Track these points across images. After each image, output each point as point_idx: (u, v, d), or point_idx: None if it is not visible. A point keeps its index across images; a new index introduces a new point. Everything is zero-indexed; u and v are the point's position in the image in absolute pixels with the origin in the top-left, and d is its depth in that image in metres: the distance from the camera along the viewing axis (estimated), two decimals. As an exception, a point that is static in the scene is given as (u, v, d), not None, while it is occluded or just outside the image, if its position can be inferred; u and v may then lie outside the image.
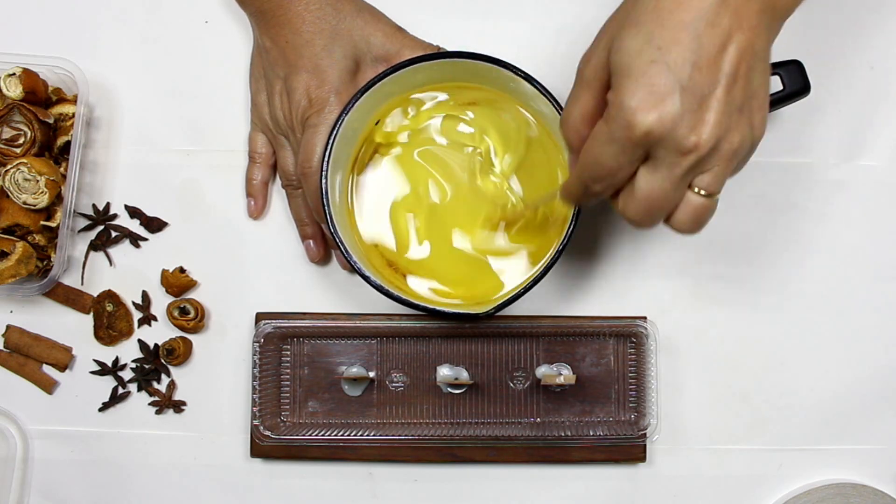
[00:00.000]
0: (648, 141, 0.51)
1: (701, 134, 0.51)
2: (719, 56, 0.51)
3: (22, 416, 0.76)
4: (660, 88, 0.50)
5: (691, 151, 0.51)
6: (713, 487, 0.76)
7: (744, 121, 0.53)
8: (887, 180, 0.77)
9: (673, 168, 0.52)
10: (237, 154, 0.77)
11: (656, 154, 0.52)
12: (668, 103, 0.50)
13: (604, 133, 0.52)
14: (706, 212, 0.55)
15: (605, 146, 0.52)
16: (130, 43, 0.77)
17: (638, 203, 0.54)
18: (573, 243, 0.67)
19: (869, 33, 0.77)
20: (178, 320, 0.75)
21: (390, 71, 0.68)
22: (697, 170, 0.53)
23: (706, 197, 0.54)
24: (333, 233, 0.67)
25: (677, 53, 0.50)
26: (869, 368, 0.76)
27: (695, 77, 0.50)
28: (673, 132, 0.51)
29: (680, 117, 0.50)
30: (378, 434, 0.74)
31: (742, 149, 0.53)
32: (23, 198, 0.71)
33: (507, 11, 0.77)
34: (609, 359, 0.75)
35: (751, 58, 0.52)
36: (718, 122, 0.51)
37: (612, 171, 0.53)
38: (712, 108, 0.51)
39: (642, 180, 0.53)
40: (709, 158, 0.52)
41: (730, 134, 0.52)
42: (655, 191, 0.53)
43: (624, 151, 0.52)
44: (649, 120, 0.50)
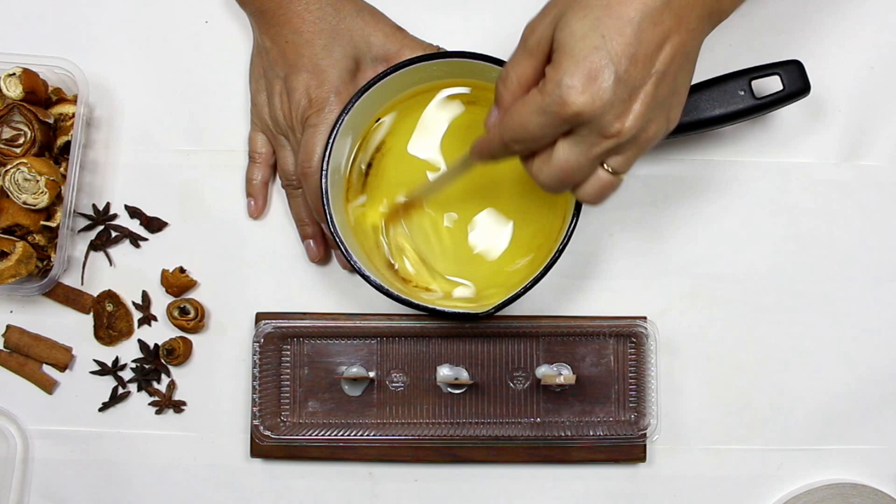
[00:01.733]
0: (577, 120, 0.55)
1: (625, 122, 0.55)
2: (655, 53, 0.55)
3: (22, 416, 0.76)
4: (597, 74, 0.54)
5: (612, 136, 0.55)
6: (713, 487, 0.76)
7: (662, 114, 0.57)
8: (887, 180, 0.77)
9: (592, 147, 0.56)
10: (237, 154, 0.77)
11: (580, 132, 0.56)
12: (602, 89, 0.54)
13: (536, 102, 0.55)
14: (611, 188, 0.59)
15: (534, 114, 0.55)
16: (130, 43, 0.77)
17: (552, 170, 0.57)
18: (573, 243, 0.67)
19: (869, 34, 0.77)
20: (178, 320, 0.75)
21: (390, 71, 0.68)
22: (613, 152, 0.57)
23: (614, 175, 0.58)
24: (333, 232, 0.67)
25: (619, 45, 0.54)
26: (869, 368, 0.76)
27: (630, 70, 0.54)
28: (601, 117, 0.54)
29: (610, 104, 0.54)
30: (378, 434, 0.74)
31: (656, 138, 0.58)
32: (23, 198, 0.71)
33: (506, 11, 0.77)
34: (609, 359, 0.75)
35: (682, 58, 0.56)
36: (642, 115, 0.55)
37: (536, 137, 0.57)
38: (639, 101, 0.55)
39: (561, 151, 0.57)
40: (626, 144, 0.56)
41: (649, 125, 0.57)
42: (571, 163, 0.57)
43: (551, 123, 0.55)
44: (581, 101, 0.54)
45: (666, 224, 0.77)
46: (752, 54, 0.75)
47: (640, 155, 0.58)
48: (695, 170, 0.77)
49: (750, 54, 0.75)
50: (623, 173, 0.59)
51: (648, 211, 0.77)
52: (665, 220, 0.76)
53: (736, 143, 0.76)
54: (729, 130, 0.76)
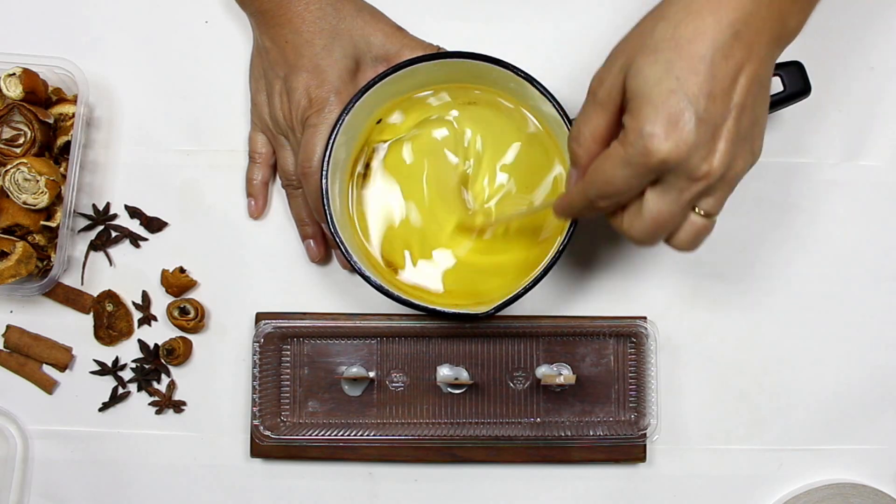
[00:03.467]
0: (664, 168, 0.53)
1: (712, 163, 0.54)
2: (731, 87, 0.53)
3: (22, 416, 0.76)
4: (678, 118, 0.52)
5: (702, 179, 0.54)
6: (713, 487, 0.76)
7: (747, 147, 0.56)
8: (887, 180, 0.77)
9: (682, 193, 0.55)
10: (237, 154, 0.77)
11: (667, 179, 0.54)
12: (686, 133, 0.52)
13: (619, 155, 0.54)
14: (706, 232, 0.58)
15: (618, 168, 0.54)
16: (130, 43, 0.77)
17: (644, 223, 0.56)
18: (573, 243, 0.67)
19: (869, 34, 0.77)
20: (178, 320, 0.75)
21: (390, 71, 0.68)
22: (703, 194, 0.55)
23: (706, 217, 0.57)
24: (334, 232, 0.67)
25: (694, 84, 0.52)
26: (869, 368, 0.76)
27: (709, 108, 0.53)
28: (687, 161, 0.53)
29: (695, 147, 0.53)
30: (378, 434, 0.74)
31: (743, 173, 0.56)
32: (23, 198, 0.71)
33: (506, 12, 0.77)
34: (609, 359, 0.75)
35: (757, 87, 0.55)
36: (728, 152, 0.54)
37: (622, 191, 0.55)
38: (723, 138, 0.54)
39: (651, 202, 0.55)
40: (715, 185, 0.55)
41: (736, 161, 0.55)
42: (663, 213, 0.55)
43: (637, 175, 0.54)
44: (666, 148, 0.52)
45: (666, 224, 0.76)
46: (753, 55, 0.75)
47: (731, 193, 0.57)
48: (695, 170, 0.76)
49: (750, 55, 0.75)
50: (715, 215, 0.57)
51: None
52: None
53: (736, 144, 0.76)
54: (729, 131, 0.76)
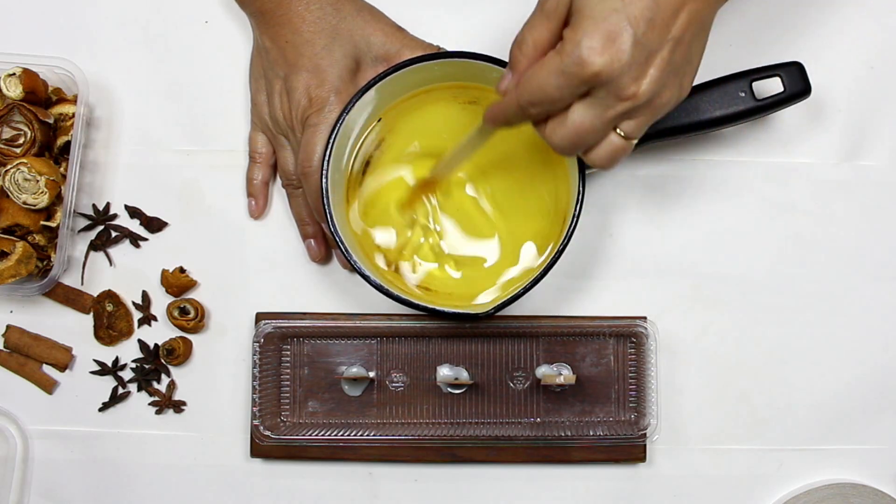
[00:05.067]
0: (595, 81, 0.55)
1: (641, 85, 0.56)
2: (672, 19, 0.56)
3: (22, 416, 0.76)
4: (616, 36, 0.54)
5: (628, 99, 0.56)
6: (713, 487, 0.76)
7: (676, 81, 0.58)
8: (887, 180, 0.77)
9: (607, 109, 0.57)
10: (237, 154, 0.77)
11: (596, 94, 0.56)
12: (621, 51, 0.54)
13: (555, 64, 0.56)
14: (622, 152, 0.60)
15: (553, 76, 0.56)
16: (130, 43, 0.77)
17: (566, 132, 0.58)
18: (573, 243, 0.67)
19: (869, 34, 0.77)
20: (178, 320, 0.75)
21: (391, 71, 0.68)
22: (627, 116, 0.58)
23: (625, 139, 0.59)
24: (334, 232, 0.67)
25: (638, 8, 0.54)
26: (869, 368, 0.76)
27: (648, 34, 0.55)
28: (618, 78, 0.55)
29: (628, 66, 0.55)
30: (378, 434, 0.74)
31: (668, 104, 0.59)
32: (23, 198, 0.71)
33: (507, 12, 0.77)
34: (609, 359, 0.75)
35: (697, 26, 0.57)
36: (657, 79, 0.56)
37: (554, 99, 0.57)
38: (655, 65, 0.56)
39: (576, 113, 0.57)
40: (640, 108, 0.57)
41: (663, 91, 0.57)
42: (586, 125, 0.57)
43: (570, 85, 0.56)
44: (600, 62, 0.54)
45: (666, 224, 0.77)
46: (753, 56, 0.75)
47: (652, 121, 0.59)
48: (695, 170, 0.77)
49: (751, 56, 0.75)
50: (634, 138, 0.59)
51: (648, 211, 0.77)
52: (665, 220, 0.77)
53: (736, 144, 0.76)
54: (729, 131, 0.76)
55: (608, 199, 0.76)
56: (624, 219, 0.76)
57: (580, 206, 0.67)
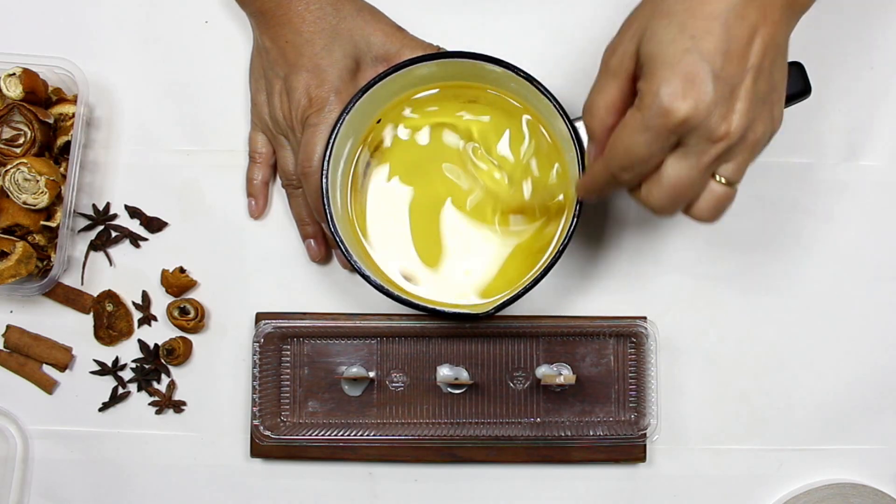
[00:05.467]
0: (683, 129, 0.52)
1: (731, 123, 0.53)
2: (747, 48, 0.53)
3: (22, 416, 0.76)
4: (694, 76, 0.52)
5: (721, 139, 0.53)
6: (713, 487, 0.76)
7: (766, 112, 0.55)
8: (887, 180, 0.77)
9: (702, 156, 0.54)
10: (237, 154, 0.77)
11: (687, 142, 0.53)
12: (704, 91, 0.52)
13: (637, 121, 0.53)
14: (727, 200, 0.57)
15: (637, 134, 0.53)
16: (130, 43, 0.77)
17: (663, 190, 0.55)
18: (573, 243, 0.67)
19: (869, 34, 0.77)
20: (178, 320, 0.75)
21: (391, 71, 0.68)
22: (723, 159, 0.54)
23: (727, 185, 0.56)
24: (334, 232, 0.67)
25: (710, 43, 0.52)
26: (869, 368, 0.76)
27: (726, 67, 0.52)
28: (707, 120, 0.52)
29: (714, 105, 0.52)
30: (378, 434, 0.74)
31: (763, 139, 0.55)
32: (23, 198, 0.71)
33: (507, 11, 0.77)
34: (609, 359, 0.75)
35: (774, 51, 0.54)
36: (746, 112, 0.53)
37: (644, 159, 0.54)
38: (741, 98, 0.53)
39: (670, 168, 0.54)
40: (735, 147, 0.54)
41: (755, 124, 0.54)
42: (683, 178, 0.54)
43: (658, 139, 0.53)
44: (685, 107, 0.52)
45: (666, 224, 0.76)
46: (753, 55, 0.75)
47: (752, 160, 0.56)
48: (695, 170, 0.76)
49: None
50: (736, 182, 0.56)
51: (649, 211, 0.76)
52: (665, 220, 0.76)
53: (736, 144, 0.76)
54: (729, 131, 0.76)
55: (608, 198, 0.76)
56: (624, 218, 0.76)
57: (580, 206, 0.67)
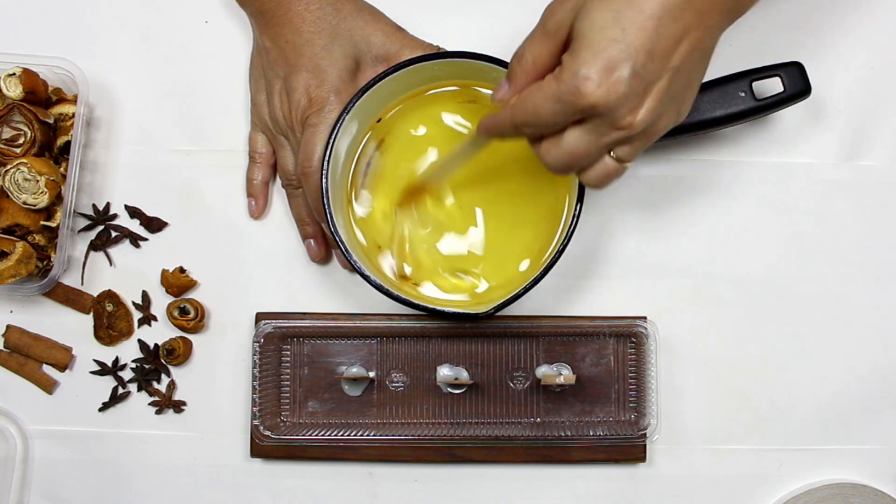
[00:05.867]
0: (590, 112, 0.55)
1: (636, 116, 0.55)
2: (673, 49, 0.55)
3: (22, 416, 0.76)
4: (614, 67, 0.53)
5: (624, 129, 0.56)
6: (713, 487, 0.76)
7: (674, 108, 0.57)
8: (887, 180, 0.77)
9: (601, 136, 0.56)
10: (237, 154, 0.77)
11: (591, 121, 0.56)
12: (618, 83, 0.54)
13: (552, 90, 0.55)
14: (616, 174, 0.59)
15: (548, 101, 0.55)
16: (130, 43, 0.77)
17: (560, 153, 0.58)
18: (573, 243, 0.67)
19: (869, 34, 0.77)
20: (178, 320, 0.75)
21: (391, 71, 0.68)
22: (621, 142, 0.57)
23: (620, 162, 0.58)
24: (334, 232, 0.67)
25: (638, 39, 0.53)
26: (869, 368, 0.76)
27: (647, 65, 0.54)
28: (614, 110, 0.54)
29: (624, 98, 0.54)
30: (378, 434, 0.74)
31: (664, 130, 0.58)
32: (23, 198, 0.71)
33: (507, 11, 0.77)
34: (609, 359, 0.75)
35: (699, 55, 0.56)
36: (654, 109, 0.55)
37: (548, 123, 0.57)
38: (652, 96, 0.55)
39: (570, 137, 0.57)
40: (636, 136, 0.57)
41: (660, 119, 0.57)
42: (580, 149, 0.57)
43: (564, 112, 0.55)
44: (597, 93, 0.54)
45: (666, 224, 0.77)
46: (753, 56, 0.75)
47: (648, 145, 0.59)
48: (695, 170, 0.77)
49: (751, 56, 0.75)
50: (629, 162, 0.59)
51: (648, 211, 0.77)
52: (665, 220, 0.77)
53: (737, 144, 0.76)
54: (730, 131, 0.76)
55: (608, 199, 0.76)
56: (624, 218, 0.76)
57: (580, 206, 0.67)
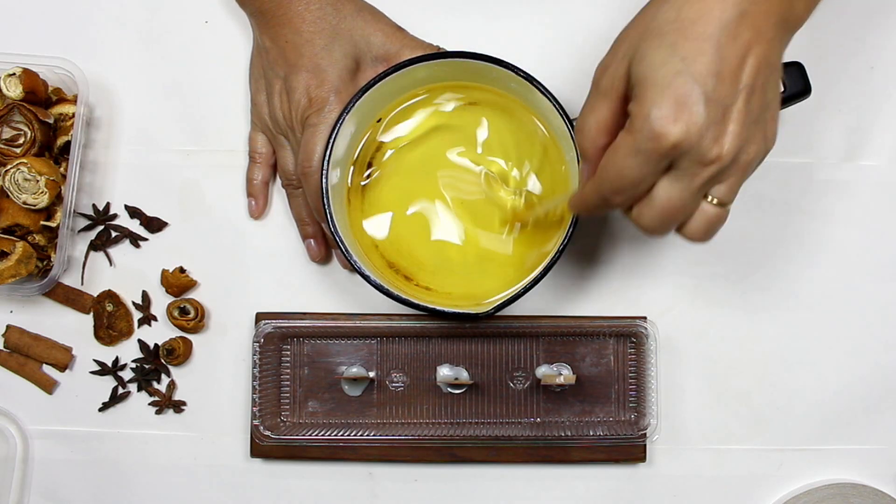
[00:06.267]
0: (675, 152, 0.52)
1: (723, 145, 0.52)
2: (739, 68, 0.52)
3: (22, 416, 0.76)
4: (686, 99, 0.51)
5: (713, 162, 0.52)
6: (713, 487, 0.76)
7: (759, 132, 0.54)
8: (887, 180, 0.77)
9: (693, 178, 0.53)
10: (237, 154, 0.77)
11: (679, 165, 0.53)
12: (695, 113, 0.51)
13: (628, 144, 0.52)
14: (719, 221, 0.56)
15: (629, 158, 0.52)
16: (130, 43, 0.77)
17: (654, 212, 0.55)
18: (573, 243, 0.67)
19: (869, 34, 0.77)
20: (178, 320, 0.75)
21: (391, 71, 0.68)
22: (715, 180, 0.54)
23: (719, 206, 0.55)
24: (334, 232, 0.67)
25: (701, 64, 0.51)
26: (869, 368, 0.76)
27: (718, 88, 0.51)
28: (698, 143, 0.51)
29: (706, 128, 0.51)
30: (378, 434, 0.74)
31: (756, 159, 0.54)
32: (23, 198, 0.71)
33: (507, 11, 0.77)
34: (609, 359, 0.75)
35: (767, 70, 0.53)
36: (739, 134, 0.52)
37: (635, 182, 0.53)
38: (733, 120, 0.52)
39: (662, 190, 0.54)
40: (728, 169, 0.53)
41: (748, 145, 0.53)
42: (674, 200, 0.54)
43: (649, 162, 0.52)
44: (677, 131, 0.51)
45: (666, 224, 0.76)
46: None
47: (744, 180, 0.55)
48: (695, 170, 0.76)
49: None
50: (729, 203, 0.55)
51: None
52: (665, 221, 0.76)
53: (736, 144, 0.76)
54: (729, 131, 0.76)
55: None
56: (624, 218, 0.76)
57: (582, 208, 0.66)
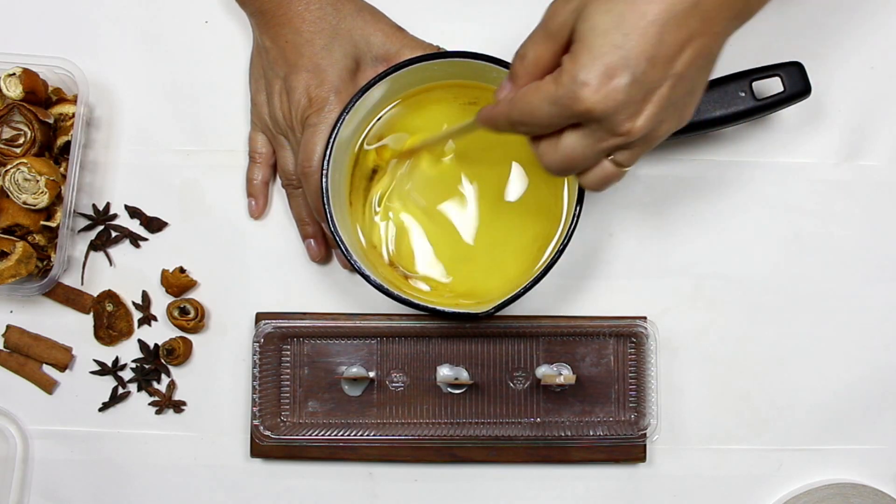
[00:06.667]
0: (587, 116, 0.54)
1: (635, 123, 0.54)
2: (675, 56, 0.53)
3: (22, 416, 0.76)
4: (613, 73, 0.52)
5: (622, 135, 0.54)
6: (713, 487, 0.76)
7: (675, 114, 0.56)
8: (887, 180, 0.77)
9: (599, 142, 0.55)
10: (237, 154, 0.77)
11: (589, 126, 0.55)
12: (617, 90, 0.52)
13: (549, 92, 0.54)
14: (615, 178, 0.58)
15: (545, 103, 0.54)
16: (130, 43, 0.77)
17: (557, 156, 0.57)
18: (573, 243, 0.67)
19: (869, 34, 0.77)
20: (178, 320, 0.75)
21: (391, 70, 0.68)
22: (621, 148, 0.56)
23: (619, 167, 0.58)
24: (334, 232, 0.67)
25: (639, 45, 0.52)
26: (869, 368, 0.76)
27: (647, 72, 0.52)
28: (612, 116, 0.53)
29: (623, 105, 0.53)
30: (378, 434, 0.74)
31: (665, 136, 0.57)
32: (23, 198, 0.71)
33: (507, 11, 0.77)
34: (609, 359, 0.75)
35: (703, 61, 0.55)
36: (654, 116, 0.54)
37: (544, 125, 0.56)
38: (653, 102, 0.54)
39: (568, 140, 0.56)
40: (635, 142, 0.55)
41: (661, 125, 0.56)
42: (577, 152, 0.56)
43: (561, 115, 0.54)
44: (594, 99, 0.52)
45: (666, 224, 0.77)
46: (753, 56, 0.75)
47: (648, 150, 0.58)
48: (695, 170, 0.77)
49: (751, 56, 0.75)
50: (628, 167, 0.58)
51: (648, 211, 0.77)
52: (665, 220, 0.77)
53: (737, 144, 0.76)
54: (730, 131, 0.76)
55: (608, 199, 0.76)
56: (624, 218, 0.77)
57: (580, 206, 0.67)
